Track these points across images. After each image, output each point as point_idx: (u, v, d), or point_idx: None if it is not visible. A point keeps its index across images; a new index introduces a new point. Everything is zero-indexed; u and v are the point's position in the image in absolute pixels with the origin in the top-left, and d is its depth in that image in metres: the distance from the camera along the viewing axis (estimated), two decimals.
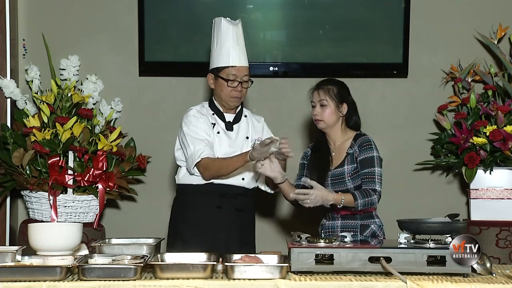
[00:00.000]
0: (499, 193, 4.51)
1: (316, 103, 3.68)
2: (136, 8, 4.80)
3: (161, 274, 2.89)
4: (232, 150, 3.71)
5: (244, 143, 3.76)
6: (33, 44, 4.83)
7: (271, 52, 4.90)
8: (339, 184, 3.64)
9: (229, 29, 3.71)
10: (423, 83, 4.93)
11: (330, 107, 3.66)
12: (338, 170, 3.66)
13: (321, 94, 3.67)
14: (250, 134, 3.80)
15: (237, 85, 3.71)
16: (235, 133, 3.78)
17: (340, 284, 2.87)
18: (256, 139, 3.61)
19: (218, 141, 3.73)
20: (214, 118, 3.78)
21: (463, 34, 4.90)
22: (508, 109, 4.48)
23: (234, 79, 3.70)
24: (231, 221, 3.71)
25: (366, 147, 3.63)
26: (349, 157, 3.66)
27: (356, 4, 4.87)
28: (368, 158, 3.61)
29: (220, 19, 3.74)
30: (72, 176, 4.38)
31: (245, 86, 3.75)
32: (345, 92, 3.70)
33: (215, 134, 3.74)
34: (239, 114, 3.83)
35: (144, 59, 4.82)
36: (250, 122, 3.84)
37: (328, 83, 3.71)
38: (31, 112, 4.56)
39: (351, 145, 3.67)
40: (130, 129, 4.78)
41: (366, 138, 3.67)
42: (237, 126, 3.80)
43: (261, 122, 3.89)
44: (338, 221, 3.68)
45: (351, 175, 3.63)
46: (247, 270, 2.90)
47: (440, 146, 4.71)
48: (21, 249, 3.11)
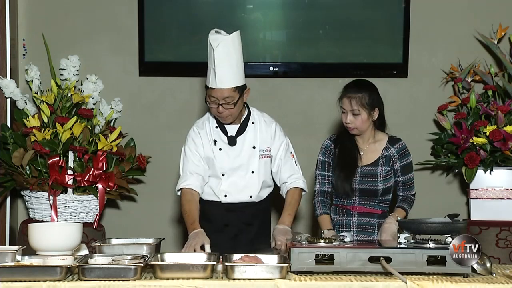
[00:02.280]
0: (499, 193, 4.51)
1: (348, 111, 3.63)
2: (136, 8, 4.80)
3: (161, 274, 2.89)
4: (237, 164, 3.68)
5: (251, 154, 3.70)
6: (33, 44, 4.83)
7: (271, 52, 4.90)
8: (369, 183, 3.66)
9: (211, 50, 3.55)
10: (423, 83, 4.93)
11: (362, 116, 3.62)
12: (370, 168, 3.67)
13: (353, 104, 3.61)
14: (258, 143, 3.71)
15: (217, 107, 3.58)
16: (239, 146, 3.70)
17: (340, 284, 2.87)
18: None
19: (220, 157, 3.67)
20: (217, 132, 3.71)
21: (463, 34, 4.90)
22: (508, 109, 4.48)
23: (214, 101, 3.57)
24: (239, 236, 3.71)
25: (406, 153, 3.72)
26: (384, 159, 3.68)
27: (356, 4, 4.87)
28: (408, 164, 3.72)
29: (208, 36, 3.57)
30: (72, 176, 4.38)
31: (227, 108, 3.58)
32: (376, 97, 3.67)
33: (217, 151, 3.68)
34: (245, 123, 3.72)
35: (144, 59, 4.82)
36: (258, 130, 3.73)
37: (360, 90, 3.63)
38: (31, 112, 4.56)
39: (387, 147, 3.70)
40: (130, 129, 4.78)
41: (404, 144, 3.74)
42: (242, 137, 3.70)
43: (273, 127, 3.75)
44: (354, 217, 3.68)
45: (383, 176, 3.66)
46: (247, 270, 2.90)
47: (440, 146, 4.70)
48: (21, 249, 3.11)
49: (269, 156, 3.72)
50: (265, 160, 3.71)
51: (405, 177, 3.71)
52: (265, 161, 3.71)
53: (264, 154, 3.71)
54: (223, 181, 3.68)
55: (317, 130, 4.77)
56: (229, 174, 3.68)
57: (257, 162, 3.69)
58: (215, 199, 3.70)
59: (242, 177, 3.69)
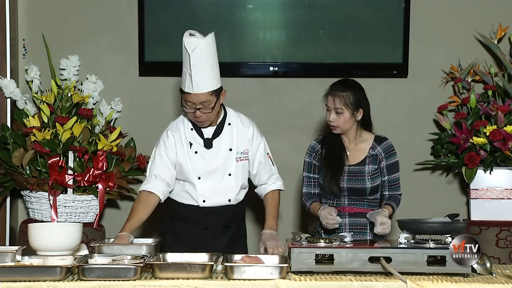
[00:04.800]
0: (499, 193, 4.51)
1: (332, 109, 3.63)
2: (136, 8, 4.79)
3: (161, 274, 2.90)
4: (214, 166, 3.62)
5: (228, 156, 3.63)
6: (33, 44, 4.83)
7: (271, 52, 4.89)
8: (357, 181, 3.65)
9: (186, 54, 3.47)
10: (423, 83, 4.93)
11: (345, 115, 3.61)
12: (357, 168, 3.67)
13: (336, 102, 3.60)
14: (235, 144, 3.65)
15: (194, 112, 3.51)
16: (216, 149, 3.63)
17: (340, 284, 2.87)
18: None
19: (196, 160, 3.61)
20: (192, 134, 3.64)
21: (463, 34, 4.89)
22: (508, 109, 4.48)
23: (190, 106, 3.50)
24: (217, 238, 3.68)
25: (391, 152, 3.70)
26: (371, 158, 3.68)
27: (356, 4, 4.87)
28: (394, 164, 3.70)
29: (183, 39, 3.49)
30: (72, 176, 4.38)
31: (204, 112, 3.51)
32: (361, 97, 3.65)
33: (192, 154, 3.62)
34: (221, 125, 3.65)
35: (144, 59, 4.82)
36: (235, 131, 3.66)
37: (345, 89, 3.62)
38: (31, 112, 4.56)
39: (373, 146, 3.69)
40: (130, 129, 4.78)
41: (390, 143, 3.72)
42: (218, 140, 3.63)
43: (250, 129, 3.68)
44: (346, 219, 3.68)
45: (371, 175, 3.65)
46: (247, 270, 2.90)
47: (440, 146, 4.71)
48: (21, 249, 3.11)
49: (246, 159, 3.67)
50: (243, 163, 3.66)
51: (391, 176, 3.69)
52: (242, 164, 3.66)
53: (242, 157, 3.66)
54: (199, 185, 3.62)
55: (317, 130, 4.76)
56: (205, 177, 3.62)
57: (234, 164, 3.64)
58: (193, 203, 3.65)
59: (218, 180, 3.63)
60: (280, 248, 3.41)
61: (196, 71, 3.46)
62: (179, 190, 3.68)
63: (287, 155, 4.56)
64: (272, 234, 3.54)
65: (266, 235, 3.53)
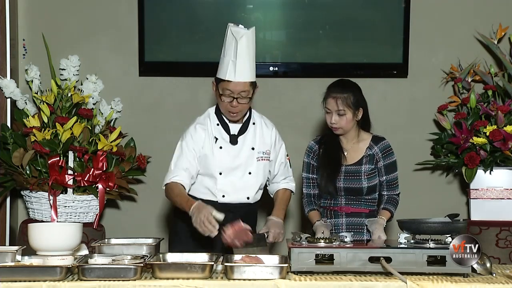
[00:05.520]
0: (499, 193, 4.51)
1: (333, 112, 3.63)
2: (136, 8, 4.79)
3: (161, 274, 2.90)
4: (236, 163, 3.65)
5: (250, 155, 3.67)
6: (33, 44, 4.83)
7: (271, 52, 4.89)
8: (353, 181, 3.65)
9: (233, 42, 3.55)
10: (423, 83, 4.93)
11: (348, 116, 3.62)
12: (354, 167, 3.67)
13: (339, 104, 3.60)
14: (257, 144, 3.69)
15: (232, 101, 3.56)
16: (239, 146, 3.67)
17: (340, 284, 2.87)
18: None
19: (220, 155, 3.64)
20: (218, 129, 3.67)
21: (463, 34, 4.89)
22: (508, 109, 4.48)
23: (229, 94, 3.55)
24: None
25: (389, 152, 3.71)
26: (368, 158, 3.68)
27: (356, 4, 4.87)
28: (391, 163, 3.71)
29: (229, 27, 3.58)
30: (72, 176, 4.38)
31: (241, 102, 3.57)
32: (359, 97, 3.67)
33: (217, 149, 3.64)
34: (246, 123, 3.70)
35: (144, 59, 4.82)
36: (258, 131, 3.72)
37: (344, 90, 3.64)
38: (31, 112, 4.56)
39: (370, 146, 3.70)
40: (130, 129, 4.78)
41: (387, 143, 3.73)
42: (242, 137, 3.68)
43: (274, 132, 3.75)
44: (343, 219, 3.68)
45: (368, 174, 3.66)
46: (247, 270, 2.90)
47: (440, 146, 4.71)
48: (21, 249, 3.11)
49: (267, 159, 3.70)
50: (264, 163, 3.69)
51: (389, 176, 3.70)
52: (263, 164, 3.69)
53: (264, 157, 3.69)
54: (220, 180, 3.65)
55: (316, 130, 4.76)
56: (227, 173, 3.65)
57: (255, 163, 3.67)
58: (211, 198, 3.66)
59: (239, 177, 3.66)
60: (281, 239, 3.50)
61: (241, 59, 3.55)
62: (198, 185, 3.69)
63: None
64: (278, 222, 3.57)
65: (273, 221, 3.57)
